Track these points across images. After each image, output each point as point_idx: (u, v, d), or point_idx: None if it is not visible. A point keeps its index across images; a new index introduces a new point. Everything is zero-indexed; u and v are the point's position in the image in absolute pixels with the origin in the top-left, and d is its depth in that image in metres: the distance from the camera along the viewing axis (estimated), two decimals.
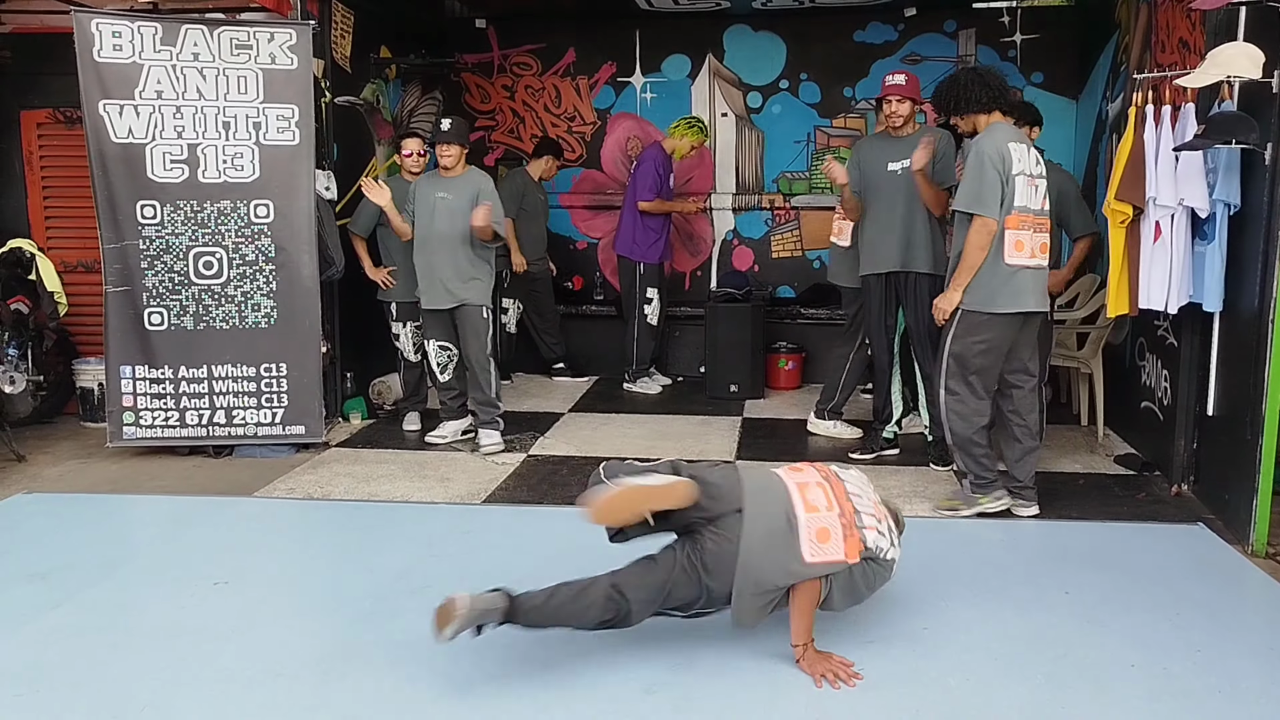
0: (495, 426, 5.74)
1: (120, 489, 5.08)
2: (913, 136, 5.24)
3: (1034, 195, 4.37)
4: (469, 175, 5.64)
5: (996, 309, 4.33)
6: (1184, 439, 4.90)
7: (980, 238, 4.30)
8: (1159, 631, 3.41)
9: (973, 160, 4.33)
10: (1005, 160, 4.29)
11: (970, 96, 4.41)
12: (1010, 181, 4.30)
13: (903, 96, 5.22)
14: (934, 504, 4.76)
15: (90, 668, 3.16)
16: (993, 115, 4.43)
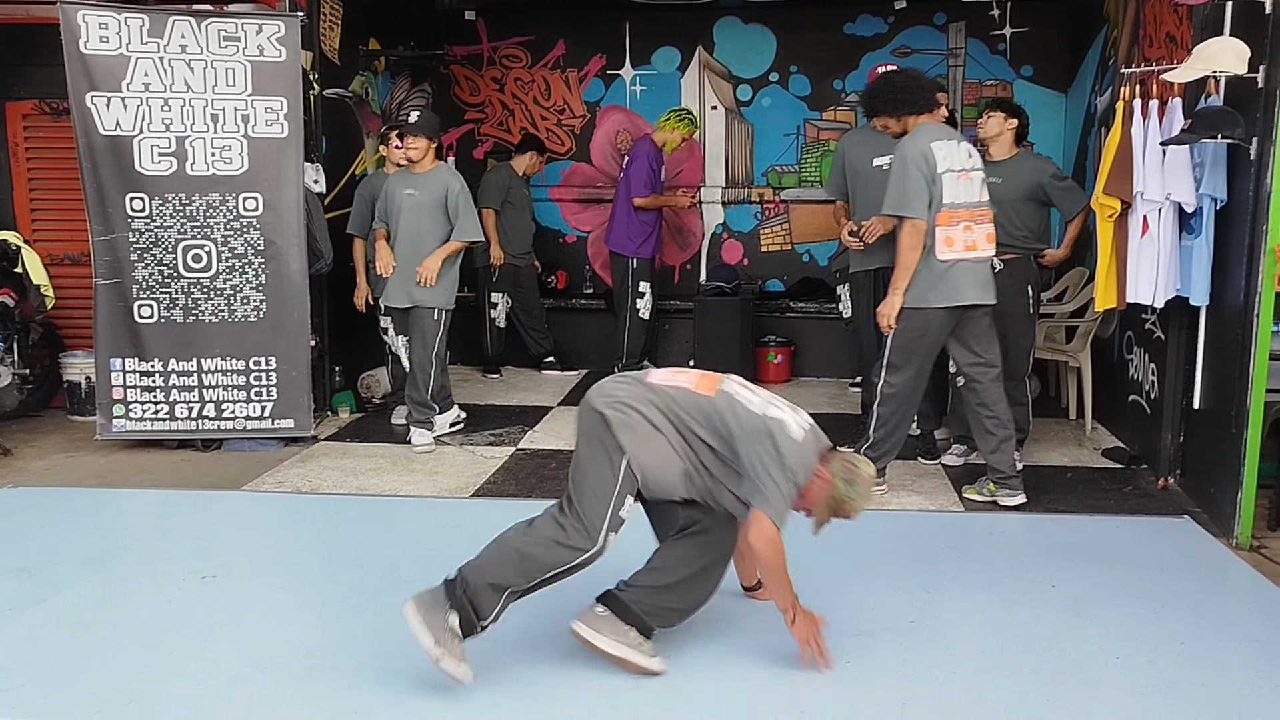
0: (428, 427, 5.65)
1: (108, 482, 5.06)
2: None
3: (968, 189, 4.46)
4: (437, 172, 5.58)
5: (930, 304, 4.45)
6: (1170, 432, 4.93)
7: (911, 239, 4.40)
8: (1145, 624, 3.43)
9: (897, 164, 4.45)
10: (929, 160, 4.40)
11: (907, 99, 4.52)
12: (937, 180, 4.39)
13: None
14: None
15: (77, 662, 3.15)
16: (921, 116, 4.54)
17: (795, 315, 7.62)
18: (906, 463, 5.34)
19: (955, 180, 4.42)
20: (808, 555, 4.03)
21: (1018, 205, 5.00)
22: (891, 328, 4.54)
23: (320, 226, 5.79)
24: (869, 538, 4.27)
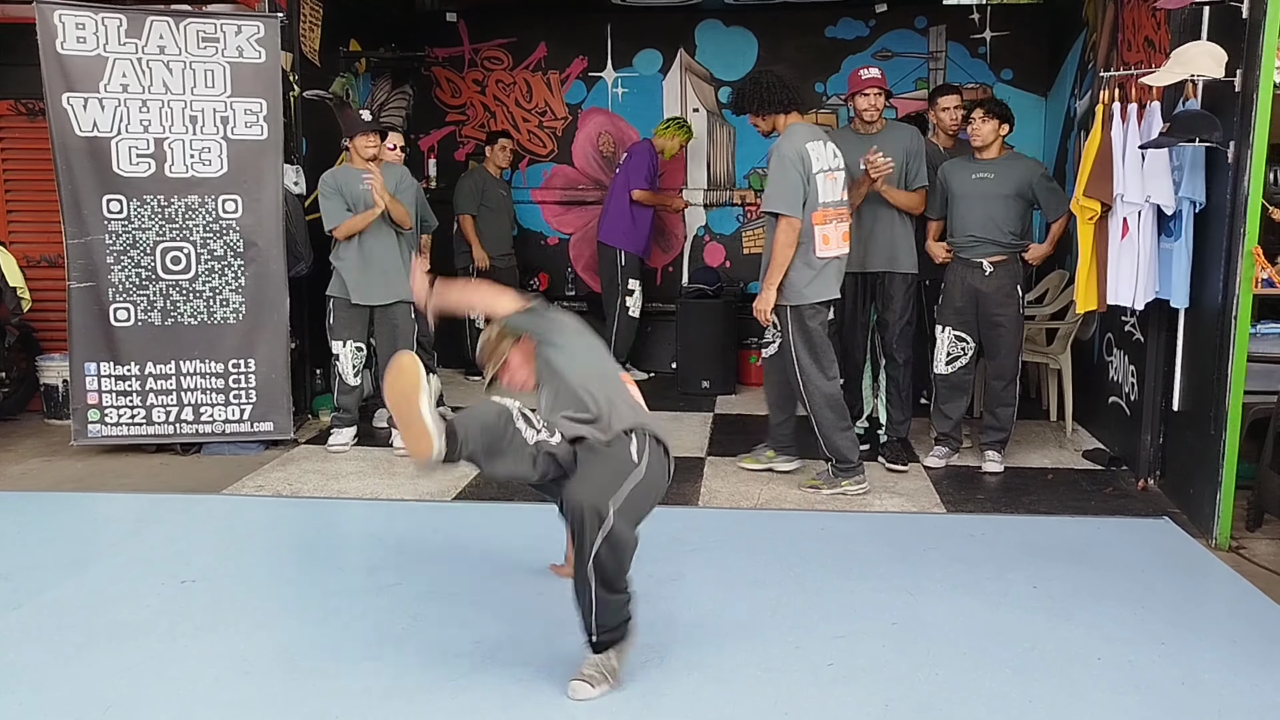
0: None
1: (85, 487, 5.02)
2: (885, 132, 5.19)
3: (834, 189, 4.71)
4: (388, 166, 5.65)
5: (807, 300, 4.70)
6: (1150, 434, 4.96)
7: (787, 236, 4.60)
8: (1125, 625, 3.44)
9: (775, 163, 4.62)
10: (805, 160, 4.60)
11: (773, 98, 4.71)
12: (811, 180, 4.61)
13: (880, 89, 5.09)
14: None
15: (55, 668, 3.12)
16: (790, 116, 4.74)
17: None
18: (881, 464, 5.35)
19: (825, 180, 4.67)
20: (789, 558, 4.06)
21: (1009, 202, 5.05)
22: (767, 322, 4.78)
23: (300, 228, 5.75)
24: (850, 540, 4.29)
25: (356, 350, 5.65)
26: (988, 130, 5.05)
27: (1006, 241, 5.06)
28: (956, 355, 5.23)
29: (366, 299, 5.56)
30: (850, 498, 4.78)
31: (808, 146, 4.61)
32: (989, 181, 5.02)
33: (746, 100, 4.78)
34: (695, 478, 5.15)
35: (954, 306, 5.19)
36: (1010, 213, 5.06)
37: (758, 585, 3.77)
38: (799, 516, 4.60)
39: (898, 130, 5.32)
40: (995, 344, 5.17)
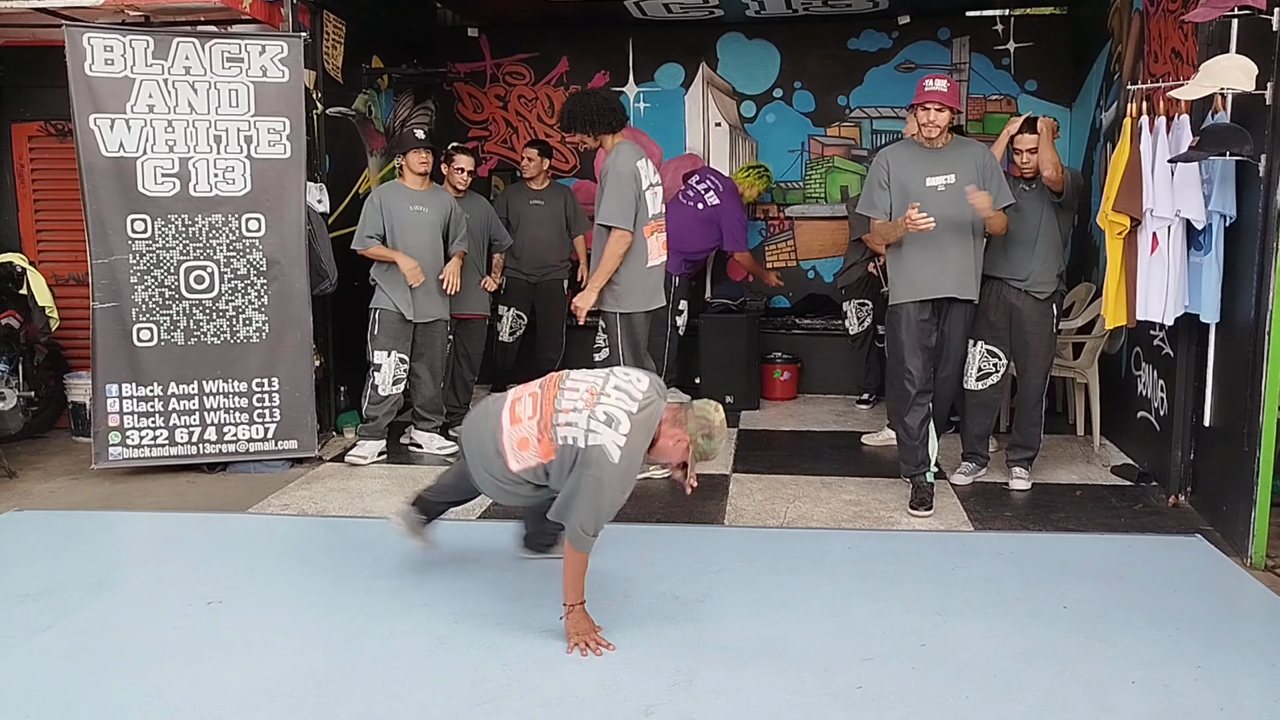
0: (438, 430, 5.97)
1: (112, 505, 5.04)
2: (950, 149, 4.82)
3: (657, 203, 5.09)
4: (438, 190, 5.83)
5: (640, 309, 5.09)
6: (1181, 449, 4.90)
7: (619, 247, 4.93)
8: (1159, 647, 3.39)
9: (612, 179, 4.90)
10: (637, 178, 4.93)
11: (602, 119, 4.95)
12: (642, 196, 4.95)
13: (942, 104, 4.72)
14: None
15: (83, 690, 3.13)
16: (618, 135, 5.01)
17: (801, 332, 7.60)
18: None
19: (652, 195, 5.02)
20: (816, 578, 4.02)
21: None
22: (583, 319, 5.11)
23: (325, 246, 5.77)
24: (877, 559, 4.25)
25: (400, 362, 5.73)
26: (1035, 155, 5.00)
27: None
28: (989, 371, 5.15)
29: (418, 315, 5.67)
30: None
31: (638, 165, 4.95)
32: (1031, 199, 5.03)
33: (577, 120, 4.97)
34: (720, 495, 5.12)
35: (988, 321, 5.10)
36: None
37: (785, 606, 3.74)
38: (826, 535, 4.57)
39: (965, 148, 4.89)
40: (1026, 361, 5.10)
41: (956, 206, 4.71)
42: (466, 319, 6.22)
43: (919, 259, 4.82)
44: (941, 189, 4.76)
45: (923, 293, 4.84)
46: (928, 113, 4.73)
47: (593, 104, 4.97)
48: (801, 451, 5.97)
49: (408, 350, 5.74)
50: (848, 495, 5.08)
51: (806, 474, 5.24)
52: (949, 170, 4.76)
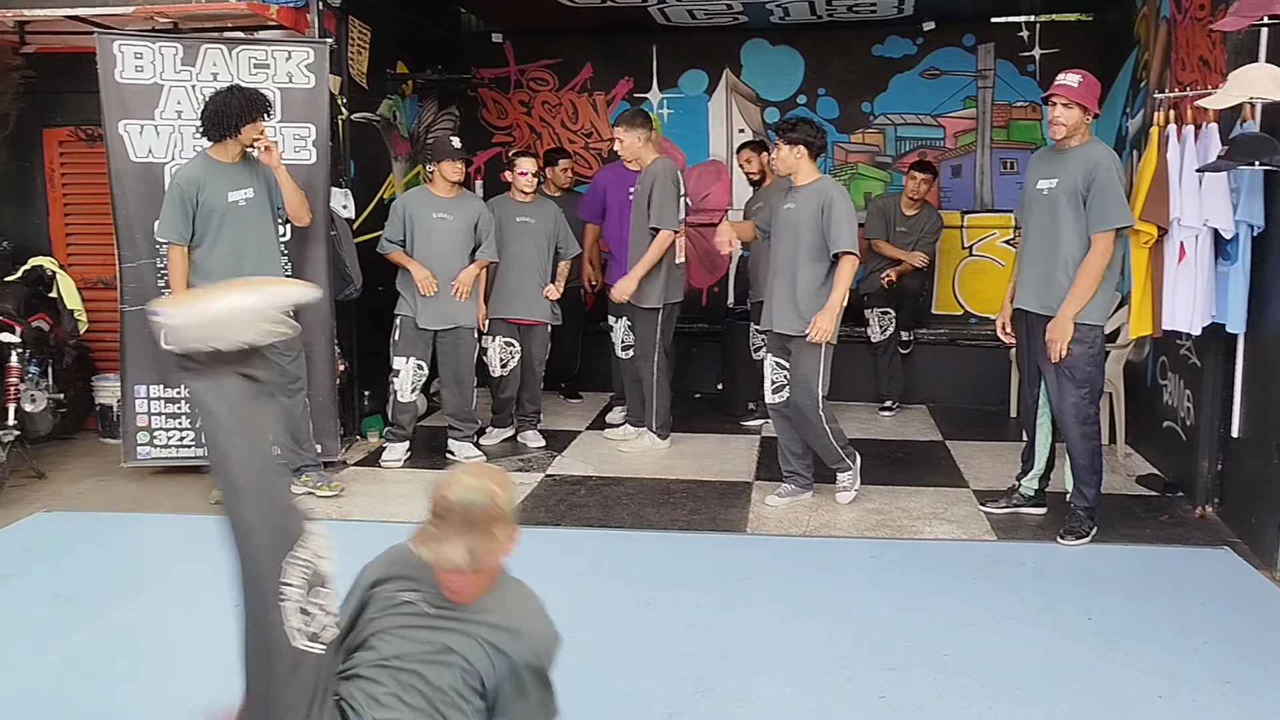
0: (471, 440, 5.94)
1: (140, 507, 5.09)
2: (1076, 150, 4.42)
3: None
4: (467, 197, 5.83)
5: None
6: (1208, 460, 4.86)
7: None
8: (1186, 660, 3.37)
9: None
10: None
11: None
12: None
13: (1070, 100, 4.33)
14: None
15: (112, 693, 3.17)
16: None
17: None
18: (937, 490, 5.29)
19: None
20: (839, 586, 4.02)
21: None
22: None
23: (349, 252, 5.80)
24: (900, 568, 4.24)
25: (417, 368, 5.76)
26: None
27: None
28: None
29: (428, 324, 5.68)
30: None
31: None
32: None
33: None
34: (743, 503, 5.12)
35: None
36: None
37: (808, 615, 3.74)
38: (848, 544, 4.56)
39: (1090, 150, 4.40)
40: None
41: (1048, 213, 4.44)
42: (528, 324, 6.19)
43: (1025, 265, 4.63)
44: (1045, 193, 4.46)
45: (1022, 301, 4.64)
46: (1053, 109, 4.38)
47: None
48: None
49: (426, 357, 5.77)
50: (870, 504, 5.07)
51: (829, 482, 5.22)
52: (1057, 174, 4.43)
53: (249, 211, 4.94)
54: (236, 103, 4.76)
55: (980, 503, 5.05)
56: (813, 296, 4.89)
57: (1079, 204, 4.35)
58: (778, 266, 5.01)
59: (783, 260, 4.99)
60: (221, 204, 4.86)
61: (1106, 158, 4.36)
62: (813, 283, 4.90)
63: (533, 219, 6.08)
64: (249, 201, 4.93)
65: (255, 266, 4.97)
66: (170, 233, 4.87)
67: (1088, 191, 4.31)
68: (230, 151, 4.88)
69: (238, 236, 4.91)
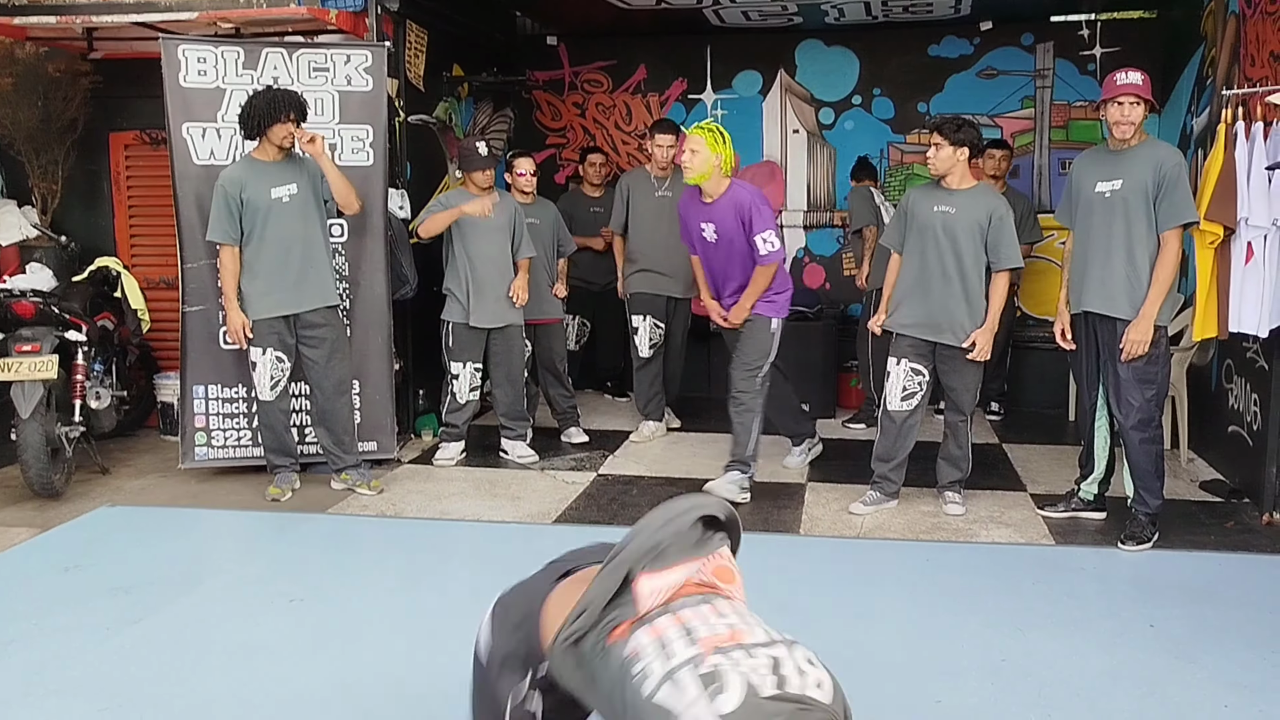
0: (525, 439, 5.98)
1: (199, 503, 5.17)
2: (1137, 150, 4.36)
3: None
4: (503, 197, 5.83)
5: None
6: (1276, 465, 4.74)
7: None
8: (1253, 670, 3.28)
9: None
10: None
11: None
12: None
13: (1138, 98, 4.27)
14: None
15: (171, 684, 3.21)
16: None
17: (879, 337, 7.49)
18: (995, 494, 5.22)
19: None
20: (894, 589, 3.97)
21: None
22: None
23: (405, 252, 5.87)
24: (956, 571, 4.18)
25: (475, 371, 5.81)
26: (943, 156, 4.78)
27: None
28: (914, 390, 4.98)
29: (481, 322, 5.70)
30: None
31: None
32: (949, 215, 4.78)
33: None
34: (796, 504, 5.09)
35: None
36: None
37: (862, 618, 3.70)
38: (903, 546, 4.51)
39: (1154, 150, 4.38)
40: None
41: (1113, 215, 4.37)
42: (544, 324, 6.26)
43: (1080, 268, 4.57)
44: (1107, 195, 4.38)
45: (1079, 304, 4.58)
46: (1121, 108, 4.28)
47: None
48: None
49: (481, 358, 5.81)
50: (925, 506, 5.00)
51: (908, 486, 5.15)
52: (1120, 175, 4.35)
53: (294, 208, 5.03)
54: (262, 104, 4.88)
55: (1038, 507, 4.97)
56: (982, 307, 4.81)
57: (1149, 204, 4.28)
58: (936, 273, 4.79)
59: (942, 267, 4.79)
60: (265, 201, 4.96)
61: (1173, 155, 4.33)
62: (981, 293, 4.81)
63: (537, 220, 6.09)
64: (293, 198, 5.02)
65: (303, 262, 5.06)
66: (218, 233, 4.98)
67: (1158, 190, 4.25)
68: (269, 151, 5.00)
69: (284, 233, 5.01)
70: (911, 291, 4.88)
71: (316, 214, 5.15)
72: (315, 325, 5.14)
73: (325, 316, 5.17)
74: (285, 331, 5.11)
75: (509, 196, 5.94)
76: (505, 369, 5.86)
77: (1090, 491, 4.80)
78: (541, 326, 6.25)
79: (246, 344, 5.08)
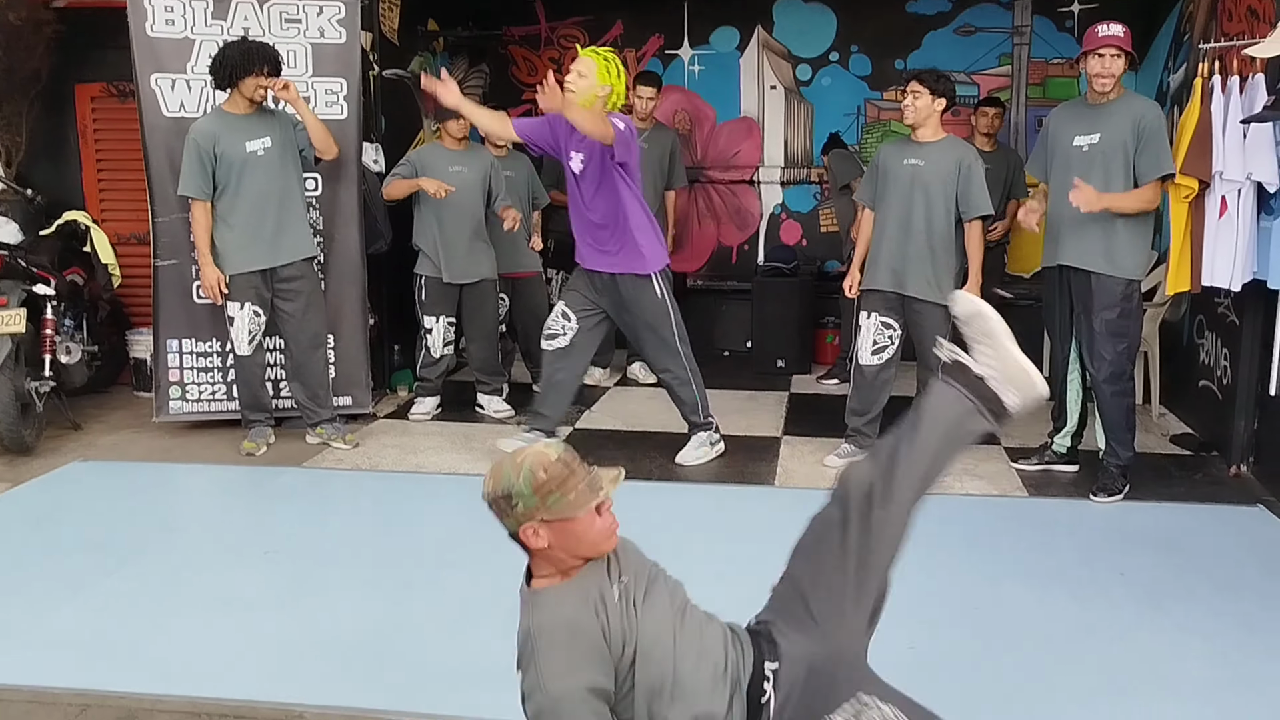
0: (501, 394, 5.98)
1: (173, 458, 5.14)
2: (1115, 104, 4.35)
3: None
4: (477, 149, 5.79)
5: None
6: (1244, 419, 4.79)
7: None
8: (1221, 617, 3.33)
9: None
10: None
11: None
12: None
13: (1119, 50, 4.23)
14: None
15: (146, 635, 3.21)
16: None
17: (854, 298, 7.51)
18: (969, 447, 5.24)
19: None
20: None
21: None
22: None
23: (380, 206, 5.81)
24: (930, 523, 4.14)
25: (449, 326, 5.79)
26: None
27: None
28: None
29: (453, 278, 5.68)
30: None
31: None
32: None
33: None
34: (770, 458, 5.11)
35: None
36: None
37: None
38: None
39: (1132, 103, 4.38)
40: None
41: (1091, 169, 4.33)
42: (522, 277, 6.22)
43: (1056, 221, 4.55)
44: (1085, 149, 4.35)
45: (1053, 258, 4.59)
46: (1102, 60, 4.25)
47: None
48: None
49: (454, 312, 5.80)
50: None
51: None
52: (1098, 128, 4.33)
53: (269, 161, 4.97)
54: (236, 55, 4.82)
55: (1011, 460, 5.01)
56: (951, 260, 4.81)
57: (1128, 158, 4.29)
58: (902, 226, 4.79)
59: (908, 220, 4.78)
60: (240, 155, 4.90)
61: (1153, 108, 4.34)
62: (950, 245, 4.80)
63: (512, 172, 6.03)
64: (267, 151, 4.96)
65: (280, 215, 5.01)
66: (190, 187, 4.92)
67: (1137, 144, 4.26)
68: (240, 104, 4.94)
69: (260, 186, 4.95)
70: (881, 246, 4.89)
71: (292, 167, 5.09)
72: (291, 279, 5.09)
73: (301, 269, 5.12)
74: (262, 286, 5.06)
75: (484, 150, 5.89)
76: (479, 324, 5.85)
77: (1063, 445, 4.85)
78: (520, 280, 6.21)
79: (221, 299, 5.03)
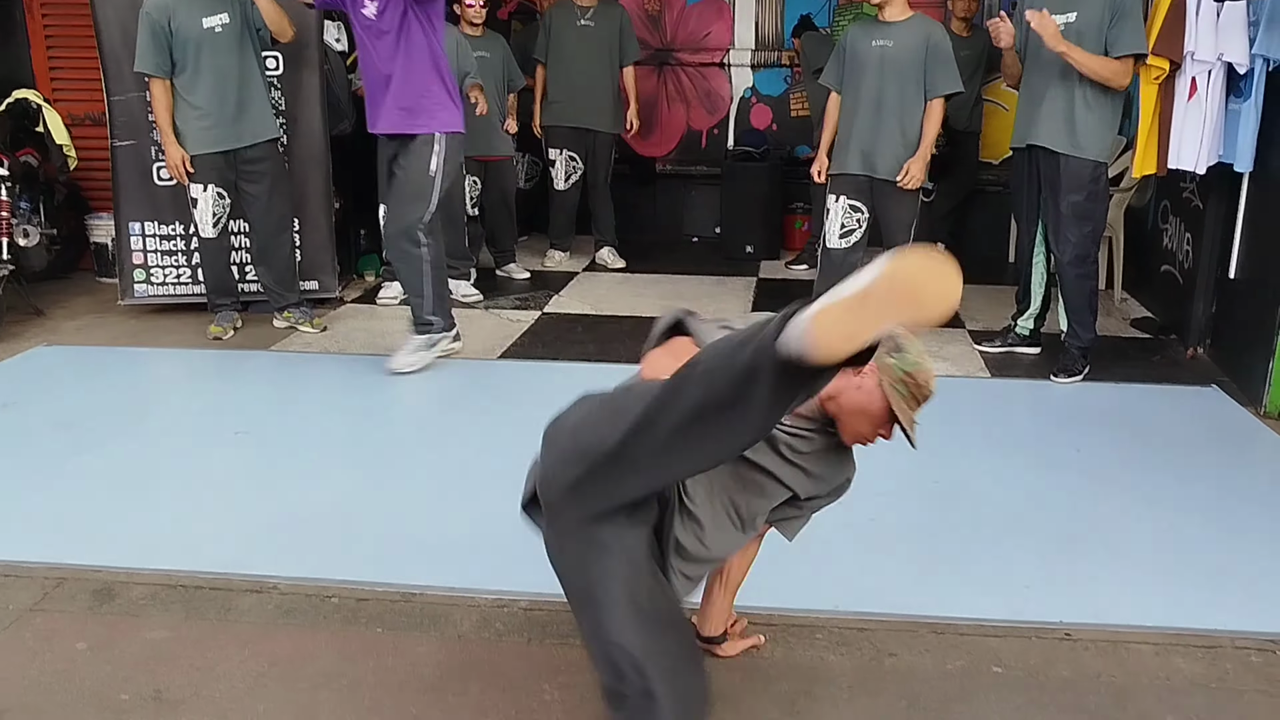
0: (469, 278, 6.04)
1: (139, 342, 5.10)
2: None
3: None
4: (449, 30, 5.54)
5: None
6: (1203, 302, 4.87)
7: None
8: (1168, 489, 3.45)
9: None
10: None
11: None
12: None
13: None
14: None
15: (118, 513, 3.23)
16: None
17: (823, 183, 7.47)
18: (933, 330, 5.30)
19: None
20: None
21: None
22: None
23: (342, 86, 5.68)
24: None
25: None
26: None
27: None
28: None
29: None
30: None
31: None
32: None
33: None
34: None
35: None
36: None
37: None
38: None
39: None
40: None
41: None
42: (494, 160, 6.14)
43: (1024, 101, 4.60)
44: (1060, 28, 4.27)
45: (1019, 139, 4.62)
46: None
47: None
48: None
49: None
50: None
51: None
52: (1074, 6, 4.31)
53: (228, 38, 4.83)
54: None
55: (975, 342, 5.09)
56: (916, 141, 4.80)
57: (1103, 38, 4.25)
58: (873, 108, 4.78)
59: (879, 102, 4.77)
60: (196, 31, 4.75)
61: None
62: (916, 128, 4.79)
63: (487, 53, 5.92)
64: (225, 28, 4.82)
65: (241, 94, 4.89)
66: (147, 64, 4.78)
67: (1112, 21, 4.22)
68: None
69: (220, 65, 4.82)
70: (852, 129, 4.86)
71: (251, 45, 4.95)
72: (255, 160, 5.00)
73: (265, 151, 5.03)
74: (225, 167, 4.96)
75: (452, 29, 5.72)
76: (445, 208, 5.74)
77: (1026, 327, 4.92)
78: (492, 164, 6.13)
79: (186, 180, 4.93)
